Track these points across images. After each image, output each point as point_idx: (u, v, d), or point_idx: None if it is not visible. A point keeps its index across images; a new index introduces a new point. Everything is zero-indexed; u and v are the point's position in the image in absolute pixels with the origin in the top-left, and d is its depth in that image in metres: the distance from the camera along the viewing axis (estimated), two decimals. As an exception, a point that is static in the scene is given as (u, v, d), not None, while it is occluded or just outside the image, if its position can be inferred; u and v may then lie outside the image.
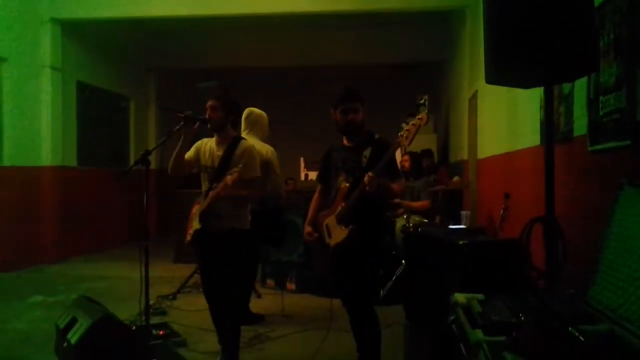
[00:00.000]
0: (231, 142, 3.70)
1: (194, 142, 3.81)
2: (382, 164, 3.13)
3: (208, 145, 3.79)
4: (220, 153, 3.69)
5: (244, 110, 4.91)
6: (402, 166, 6.76)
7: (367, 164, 3.27)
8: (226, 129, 3.73)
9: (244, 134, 4.87)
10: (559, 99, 3.47)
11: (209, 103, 3.66)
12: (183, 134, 3.58)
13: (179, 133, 3.58)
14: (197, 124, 3.60)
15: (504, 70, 2.50)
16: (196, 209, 3.71)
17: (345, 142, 3.51)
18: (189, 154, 3.76)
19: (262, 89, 12.77)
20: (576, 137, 3.24)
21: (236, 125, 3.82)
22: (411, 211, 6.11)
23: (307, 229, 3.63)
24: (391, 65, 11.66)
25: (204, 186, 3.76)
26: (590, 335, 1.76)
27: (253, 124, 5.00)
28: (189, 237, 3.75)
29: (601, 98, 2.80)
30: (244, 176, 3.47)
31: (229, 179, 3.38)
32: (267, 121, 5.12)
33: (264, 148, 4.81)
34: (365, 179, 3.11)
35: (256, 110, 5.07)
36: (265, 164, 4.68)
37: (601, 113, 2.80)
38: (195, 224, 3.65)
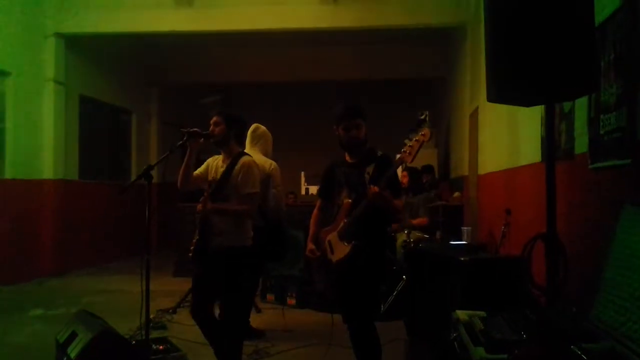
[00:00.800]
0: (233, 158, 3.72)
1: (200, 158, 3.83)
2: (385, 179, 3.14)
3: (216, 161, 3.82)
4: (223, 169, 3.71)
5: (250, 125, 4.95)
6: (401, 182, 6.77)
7: (370, 180, 3.28)
8: (230, 144, 3.74)
9: (248, 147, 4.97)
10: (560, 116, 3.50)
11: (213, 119, 3.69)
12: (189, 147, 3.60)
13: (184, 147, 3.60)
14: (202, 138, 3.62)
15: (505, 89, 2.51)
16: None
17: (347, 158, 3.52)
18: (199, 170, 3.78)
19: (264, 103, 12.84)
20: (577, 154, 3.25)
21: (241, 139, 3.87)
22: (410, 227, 6.11)
23: (310, 246, 3.62)
24: (392, 81, 11.72)
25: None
26: (593, 353, 1.76)
27: (258, 139, 5.09)
28: (191, 253, 3.75)
29: (602, 117, 2.82)
30: (241, 191, 3.52)
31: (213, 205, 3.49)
32: (271, 139, 5.22)
33: (267, 162, 4.88)
34: (370, 192, 3.11)
35: (262, 127, 5.19)
36: (267, 178, 4.77)
37: (602, 131, 2.82)
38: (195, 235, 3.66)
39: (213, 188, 3.68)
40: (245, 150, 5.03)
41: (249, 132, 5.06)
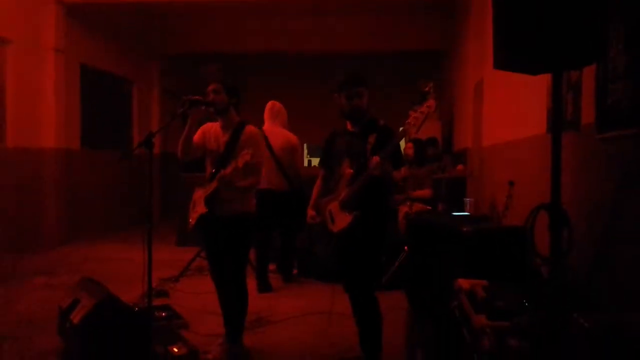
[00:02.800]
0: (237, 127, 3.70)
1: (199, 126, 3.80)
2: (389, 150, 3.11)
3: (213, 129, 3.78)
4: (225, 138, 3.69)
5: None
6: (406, 154, 6.74)
7: (371, 150, 3.26)
8: (230, 112, 3.71)
9: (268, 123, 5.50)
10: (567, 86, 3.45)
11: (211, 87, 3.65)
12: (190, 116, 3.57)
13: (185, 116, 3.57)
14: (203, 106, 3.58)
15: (512, 56, 2.47)
16: (200, 194, 3.71)
17: (349, 126, 3.49)
18: (195, 138, 3.73)
19: (265, 74, 12.74)
20: (584, 124, 3.21)
21: (238, 109, 3.84)
22: (413, 199, 6.10)
23: (310, 212, 3.64)
24: (396, 52, 11.58)
25: (208, 170, 3.76)
26: (595, 322, 1.76)
27: (277, 114, 5.62)
28: (192, 222, 3.76)
29: (610, 86, 2.78)
30: (249, 160, 3.45)
31: (239, 161, 3.38)
32: (286, 114, 5.78)
33: (291, 136, 5.63)
34: (371, 163, 3.09)
35: (278, 103, 5.72)
36: (294, 149, 5.60)
37: (609, 101, 2.77)
38: (201, 208, 3.66)
39: (217, 159, 3.67)
40: (265, 127, 5.22)
41: (267, 109, 5.62)
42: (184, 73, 12.12)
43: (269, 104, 5.67)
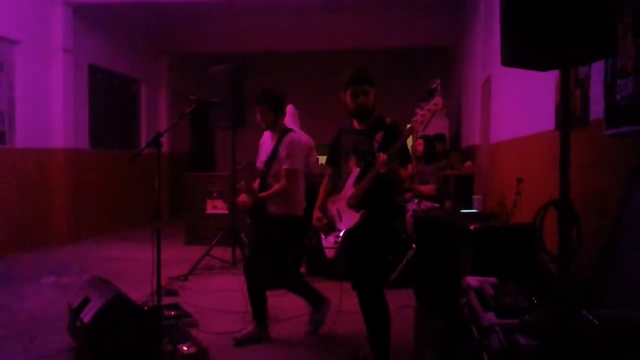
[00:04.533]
0: (280, 134, 4.06)
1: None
2: (396, 148, 3.10)
3: (267, 138, 4.20)
4: (272, 145, 4.07)
5: None
6: (415, 150, 6.73)
7: (378, 148, 3.25)
8: (278, 123, 4.09)
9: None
10: (575, 82, 3.43)
11: (258, 109, 4.04)
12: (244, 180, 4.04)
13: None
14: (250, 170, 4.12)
15: (520, 53, 2.46)
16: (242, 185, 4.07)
17: (356, 125, 3.48)
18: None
19: (273, 73, 12.74)
20: (592, 121, 3.20)
21: (284, 112, 4.19)
22: (418, 195, 6.09)
23: (317, 213, 3.63)
24: (403, 49, 11.56)
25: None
26: (604, 319, 1.75)
27: (294, 117, 5.84)
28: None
29: (619, 81, 2.76)
30: (282, 166, 3.94)
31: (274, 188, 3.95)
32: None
33: (309, 138, 5.97)
34: (378, 160, 3.08)
35: (290, 104, 5.76)
36: (310, 149, 6.00)
37: (618, 97, 2.76)
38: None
39: (265, 163, 4.07)
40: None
41: (287, 113, 5.51)
42: (192, 72, 12.15)
43: (289, 108, 5.65)
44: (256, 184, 4.10)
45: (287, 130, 4.09)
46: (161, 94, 11.76)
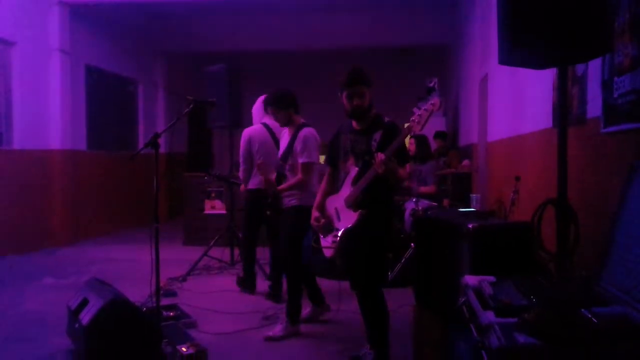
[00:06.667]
0: (295, 130, 4.20)
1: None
2: (393, 147, 3.10)
3: (284, 134, 4.37)
4: (288, 140, 4.24)
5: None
6: (408, 149, 6.72)
7: (377, 148, 3.25)
8: (292, 120, 4.27)
9: (261, 116, 5.33)
10: (572, 80, 3.43)
11: (270, 111, 4.42)
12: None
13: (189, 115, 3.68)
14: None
15: (517, 51, 2.46)
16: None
17: (354, 124, 3.49)
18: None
19: (270, 72, 12.71)
20: (589, 119, 3.20)
21: (297, 110, 4.30)
22: (418, 195, 6.09)
23: (315, 213, 3.63)
24: (401, 48, 11.55)
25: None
26: (603, 317, 1.75)
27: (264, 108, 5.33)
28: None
29: (616, 79, 2.76)
30: (298, 160, 4.09)
31: (272, 176, 4.18)
32: None
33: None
34: (376, 160, 3.08)
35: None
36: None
37: (616, 94, 2.76)
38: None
39: (282, 157, 4.24)
40: (270, 122, 5.19)
41: (261, 102, 5.31)
42: (189, 72, 12.14)
43: (262, 98, 5.31)
44: (273, 177, 4.24)
45: (302, 126, 4.22)
46: (158, 95, 11.75)
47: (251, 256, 5.39)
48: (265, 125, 5.18)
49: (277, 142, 4.98)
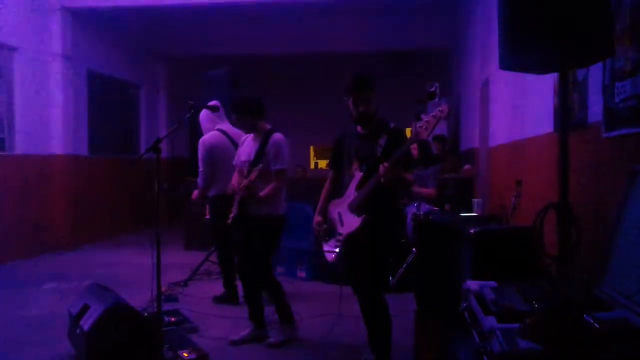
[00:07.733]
0: (264, 135, 4.06)
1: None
2: (397, 155, 3.10)
3: (247, 139, 4.21)
4: (255, 147, 4.07)
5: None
6: (412, 155, 6.73)
7: (382, 153, 3.25)
8: (257, 126, 4.11)
9: (212, 121, 5.35)
10: (573, 85, 3.43)
11: (233, 118, 4.26)
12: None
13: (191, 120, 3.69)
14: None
15: (518, 56, 2.47)
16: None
17: (359, 129, 3.49)
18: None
19: (272, 77, 12.76)
20: (590, 124, 3.20)
21: (263, 116, 4.17)
22: (418, 197, 6.09)
23: (317, 218, 3.63)
24: (402, 52, 11.57)
25: (241, 178, 4.08)
26: (605, 322, 1.75)
27: (218, 114, 5.28)
28: (230, 220, 4.11)
29: (617, 84, 2.76)
30: (271, 167, 3.95)
31: (252, 175, 3.85)
32: None
33: (241, 133, 4.81)
34: (381, 170, 3.08)
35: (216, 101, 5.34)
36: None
37: (617, 99, 2.76)
38: (234, 210, 4.07)
39: (248, 167, 4.01)
40: (226, 127, 5.14)
41: (206, 110, 5.15)
42: (191, 77, 12.15)
43: (215, 104, 5.14)
44: (243, 184, 3.98)
45: (271, 132, 4.10)
46: (160, 99, 11.77)
47: (230, 269, 5.21)
48: (222, 131, 5.18)
49: (236, 147, 4.75)
